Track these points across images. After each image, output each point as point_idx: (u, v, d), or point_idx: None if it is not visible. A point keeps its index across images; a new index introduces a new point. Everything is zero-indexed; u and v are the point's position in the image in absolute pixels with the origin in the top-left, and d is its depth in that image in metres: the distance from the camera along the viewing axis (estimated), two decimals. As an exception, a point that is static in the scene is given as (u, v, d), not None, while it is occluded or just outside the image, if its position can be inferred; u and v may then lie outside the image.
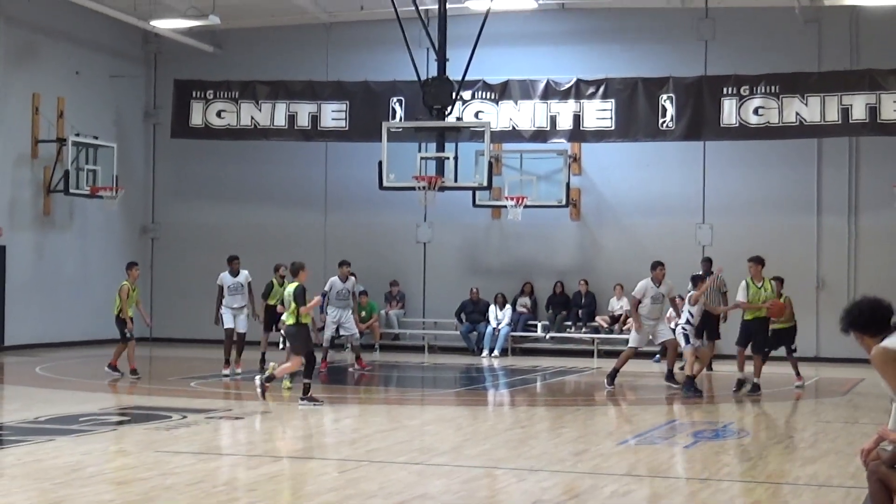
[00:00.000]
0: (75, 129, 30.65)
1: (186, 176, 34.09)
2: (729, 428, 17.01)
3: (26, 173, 30.20)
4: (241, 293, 23.73)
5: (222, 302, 23.68)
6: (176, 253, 34.04)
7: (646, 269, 29.82)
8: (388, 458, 13.94)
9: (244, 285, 23.75)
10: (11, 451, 14.14)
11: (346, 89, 29.90)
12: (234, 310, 23.64)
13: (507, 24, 30.03)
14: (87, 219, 32.05)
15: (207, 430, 16.19)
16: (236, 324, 23.66)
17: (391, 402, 21.39)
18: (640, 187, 30.66)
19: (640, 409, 19.64)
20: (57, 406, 18.44)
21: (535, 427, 17.37)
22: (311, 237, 32.65)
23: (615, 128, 28.36)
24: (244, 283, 23.75)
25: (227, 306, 23.62)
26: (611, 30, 30.94)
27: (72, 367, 25.87)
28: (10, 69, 29.53)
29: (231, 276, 23.70)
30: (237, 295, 23.68)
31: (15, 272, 29.58)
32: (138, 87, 34.16)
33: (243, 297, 23.77)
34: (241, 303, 23.71)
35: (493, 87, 28.93)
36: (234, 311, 23.65)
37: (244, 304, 23.79)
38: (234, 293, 23.67)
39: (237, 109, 30.17)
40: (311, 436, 15.89)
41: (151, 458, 13.50)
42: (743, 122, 27.34)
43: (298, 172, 32.86)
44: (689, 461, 13.89)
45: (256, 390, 18.98)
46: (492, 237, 31.70)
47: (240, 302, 23.70)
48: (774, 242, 29.61)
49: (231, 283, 23.66)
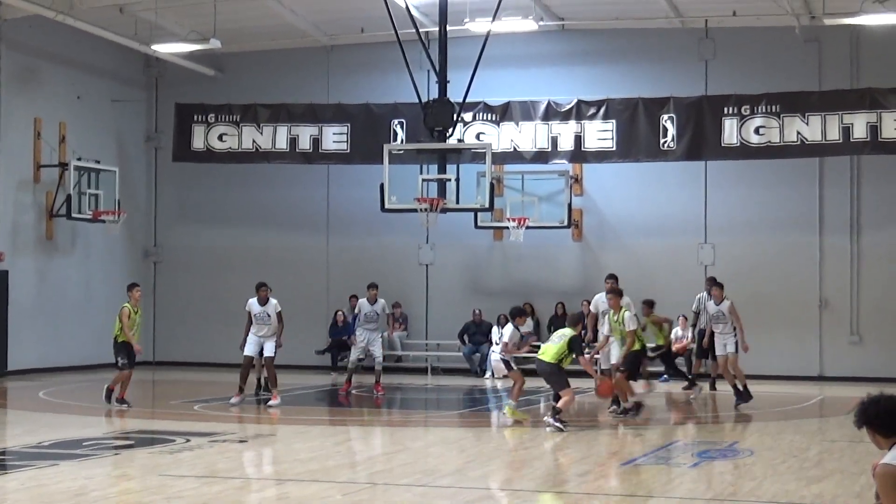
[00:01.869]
0: (77, 153, 30.69)
1: (188, 199, 34.11)
2: (734, 447, 16.98)
3: (28, 198, 30.23)
4: (268, 323, 22.60)
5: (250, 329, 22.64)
6: (178, 276, 34.05)
7: (648, 290, 29.97)
8: (392, 480, 13.92)
9: (272, 315, 22.60)
10: (15, 475, 14.12)
11: (347, 112, 29.93)
12: (261, 337, 22.60)
13: (508, 46, 30.06)
14: (89, 243, 32.07)
15: (211, 453, 16.16)
16: (265, 347, 22.55)
17: (394, 424, 21.36)
18: (642, 207, 30.67)
19: (644, 430, 19.60)
20: (60, 430, 18.42)
21: (538, 448, 17.35)
22: (314, 259, 32.66)
23: (616, 148, 28.37)
24: (272, 314, 22.60)
25: (254, 334, 22.61)
26: (611, 51, 30.99)
27: (75, 391, 25.85)
28: (12, 94, 29.58)
29: (259, 305, 22.58)
30: (264, 325, 22.58)
31: (18, 297, 29.58)
32: (140, 111, 34.21)
33: (271, 328, 22.64)
34: (269, 332, 22.60)
35: (494, 109, 28.95)
36: (260, 338, 22.59)
37: (272, 333, 22.65)
38: (262, 322, 22.59)
39: (238, 132, 30.20)
40: (314, 458, 15.87)
41: (155, 481, 13.48)
42: (744, 142, 27.34)
43: (300, 195, 32.88)
44: (693, 481, 13.86)
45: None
46: (494, 258, 31.70)
47: (267, 331, 22.61)
48: (777, 262, 29.65)
49: (258, 311, 22.56)
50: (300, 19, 31.02)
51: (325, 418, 22.41)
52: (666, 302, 29.15)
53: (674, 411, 23.86)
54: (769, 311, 29.33)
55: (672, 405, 24.69)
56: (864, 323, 29.30)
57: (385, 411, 22.94)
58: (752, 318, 28.38)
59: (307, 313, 31.43)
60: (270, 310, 22.62)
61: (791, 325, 29.45)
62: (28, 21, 29.12)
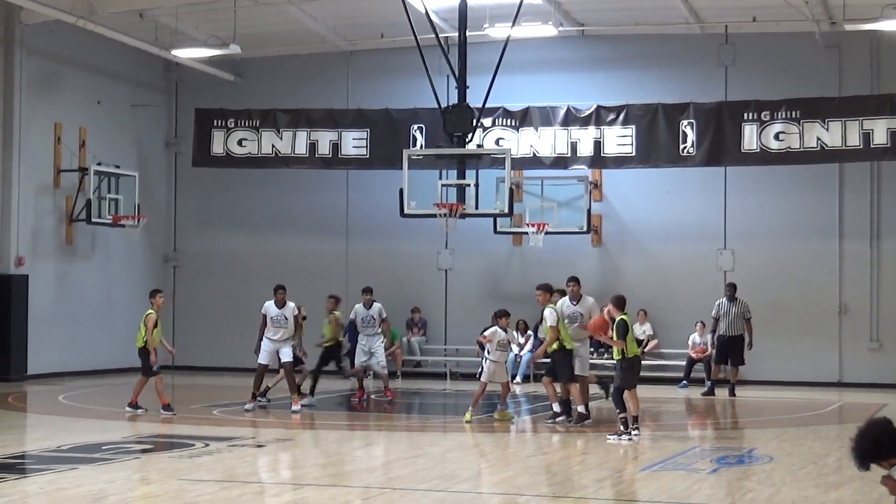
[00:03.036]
0: (97, 158, 30.77)
1: (208, 204, 34.19)
2: (753, 453, 16.95)
3: (48, 203, 30.32)
4: (285, 326, 22.30)
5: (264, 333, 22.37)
6: (198, 281, 34.12)
7: (669, 295, 30.01)
8: (411, 485, 13.92)
9: (289, 318, 22.34)
10: (35, 479, 14.16)
11: (366, 117, 29.96)
12: (276, 342, 22.27)
13: (528, 52, 30.06)
14: (109, 247, 32.16)
15: (230, 457, 16.18)
16: (281, 353, 22.26)
17: (413, 429, 21.35)
18: (662, 213, 30.63)
19: (662, 435, 19.57)
20: (80, 434, 18.46)
21: (557, 453, 17.33)
22: (333, 265, 32.69)
23: (636, 154, 28.33)
24: (289, 317, 22.35)
25: (269, 338, 22.35)
26: (631, 56, 30.96)
27: (94, 395, 25.91)
28: (33, 99, 29.68)
29: (276, 308, 22.32)
30: (280, 328, 22.36)
31: (37, 301, 29.66)
32: (160, 117, 34.30)
33: (287, 331, 22.35)
34: (284, 336, 22.29)
35: (514, 114, 28.95)
36: (277, 344, 22.27)
37: (288, 337, 22.37)
38: (279, 325, 22.29)
39: (258, 138, 30.24)
40: (333, 463, 15.87)
41: (174, 486, 13.50)
42: (764, 148, 27.28)
43: (320, 200, 32.93)
44: (712, 487, 13.83)
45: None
46: (513, 264, 31.68)
47: (283, 335, 22.28)
48: (796, 268, 29.58)
49: (276, 314, 22.27)
50: (320, 24, 31.06)
51: (342, 423, 22.42)
52: (685, 307, 29.15)
53: (692, 417, 23.82)
54: (789, 317, 29.29)
55: (691, 411, 24.64)
56: (884, 329, 29.21)
57: (403, 416, 22.93)
58: (771, 324, 28.45)
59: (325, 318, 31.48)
60: (288, 313, 22.41)
61: (810, 331, 29.38)
62: (48, 26, 29.23)
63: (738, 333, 26.42)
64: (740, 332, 26.44)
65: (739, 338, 26.43)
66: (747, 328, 26.47)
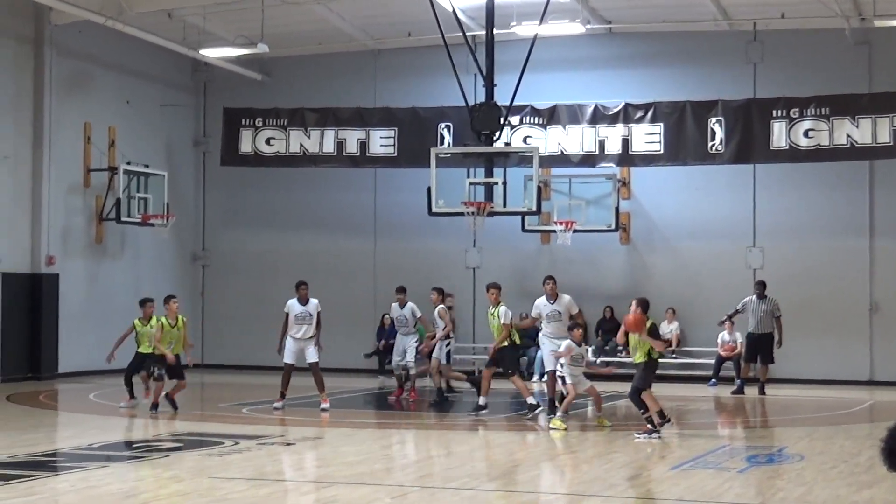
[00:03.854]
0: (126, 157, 30.89)
1: (236, 203, 34.27)
2: (783, 452, 16.89)
3: (78, 202, 30.45)
4: (309, 322, 22.23)
5: (287, 331, 22.33)
6: (226, 280, 34.21)
7: (696, 293, 29.88)
8: (440, 483, 13.93)
9: (313, 315, 22.27)
10: (66, 477, 14.22)
11: (394, 115, 29.97)
12: (299, 340, 22.22)
13: (555, 49, 30.03)
14: (138, 246, 32.27)
15: (260, 455, 16.22)
16: (307, 353, 22.21)
17: (442, 427, 21.35)
18: (690, 211, 30.55)
19: (692, 434, 19.53)
20: (110, 432, 18.55)
21: (586, 452, 17.31)
22: (361, 263, 32.73)
23: (664, 151, 28.25)
24: (313, 313, 22.27)
25: (292, 336, 22.28)
26: (659, 53, 30.89)
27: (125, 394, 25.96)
28: (62, 99, 29.80)
29: (299, 304, 22.29)
30: (304, 324, 22.23)
31: (68, 300, 29.79)
32: (188, 116, 34.40)
33: (311, 328, 22.25)
34: (307, 333, 22.22)
35: (541, 112, 28.91)
36: (300, 343, 22.23)
37: (311, 335, 22.24)
38: (302, 322, 22.21)
39: (286, 137, 30.29)
40: (362, 462, 15.90)
41: (205, 484, 13.54)
42: (793, 145, 27.18)
43: (347, 199, 32.96)
44: (743, 486, 13.79)
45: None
46: (541, 262, 31.61)
47: (306, 332, 22.24)
48: (826, 265, 29.47)
49: (299, 311, 22.21)
50: (347, 23, 31.10)
51: (372, 421, 22.43)
52: (713, 306, 29.05)
53: (721, 415, 23.76)
54: (819, 315, 29.17)
55: (721, 409, 24.58)
56: (915, 327, 29.10)
57: (432, 415, 22.93)
58: (801, 322, 28.34)
59: (354, 317, 31.55)
60: (311, 309, 22.32)
61: (841, 329, 29.26)
62: (78, 26, 29.34)
63: (767, 331, 26.33)
64: (770, 330, 26.35)
65: (769, 336, 26.34)
66: (777, 326, 26.38)
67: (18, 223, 28.83)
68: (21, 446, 17.03)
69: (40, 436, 18.80)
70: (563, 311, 21.32)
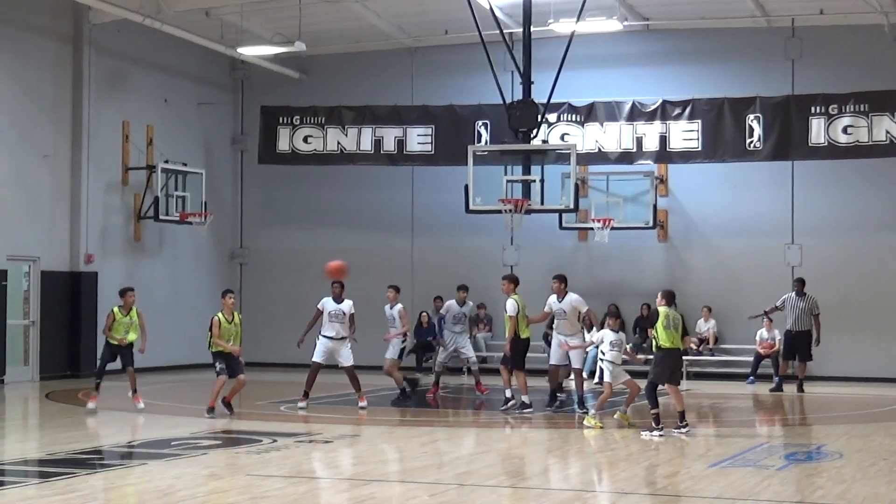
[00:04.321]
0: (164, 155, 31.01)
1: (274, 201, 34.34)
2: (822, 450, 16.81)
3: (117, 200, 30.59)
4: (342, 321, 21.98)
5: (319, 328, 22.15)
6: (264, 278, 34.29)
7: (734, 291, 29.77)
8: (478, 481, 13.93)
9: (346, 314, 22.02)
10: (105, 474, 14.29)
11: (431, 113, 30.00)
12: (332, 340, 22.01)
13: (592, 46, 29.95)
14: (176, 245, 32.40)
15: (297, 453, 16.26)
16: (339, 356, 21.99)
17: (479, 425, 21.35)
18: (728, 208, 30.43)
19: (730, 432, 19.46)
20: (149, 430, 18.64)
21: (625, 449, 17.27)
22: (399, 261, 32.75)
23: (702, 149, 28.19)
24: (346, 312, 22.02)
25: (324, 335, 22.12)
26: (696, 50, 30.78)
27: (163, 392, 26.10)
28: (101, 98, 29.95)
29: (333, 302, 22.07)
30: (336, 324, 21.96)
31: (107, 298, 29.80)
32: (226, 114, 34.50)
33: (343, 327, 22.00)
34: (340, 333, 21.96)
35: (579, 110, 28.88)
36: (332, 343, 22.01)
37: (344, 335, 22.00)
38: (335, 320, 21.95)
39: (323, 135, 30.37)
40: (399, 459, 15.90)
41: (243, 481, 13.59)
42: (832, 142, 27.06)
43: (385, 197, 33.00)
44: (781, 484, 13.73)
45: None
46: (579, 260, 31.59)
47: (339, 332, 21.95)
48: (865, 262, 29.30)
49: (333, 309, 21.97)
50: (384, 21, 31.13)
51: (409, 419, 22.46)
52: (752, 303, 28.91)
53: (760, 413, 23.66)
54: (858, 312, 29.02)
55: (759, 407, 24.48)
56: (956, 325, 28.91)
57: (470, 412, 22.94)
58: (840, 320, 28.21)
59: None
60: (345, 308, 22.07)
61: (880, 326, 29.07)
62: (116, 26, 29.49)
63: (805, 329, 26.21)
64: (808, 328, 26.23)
65: (807, 333, 26.22)
66: (815, 324, 26.25)
67: (58, 222, 28.98)
68: (61, 444, 17.14)
69: (80, 434, 18.91)
70: (568, 310, 21.34)
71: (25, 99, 28.13)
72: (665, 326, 18.25)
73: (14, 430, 19.49)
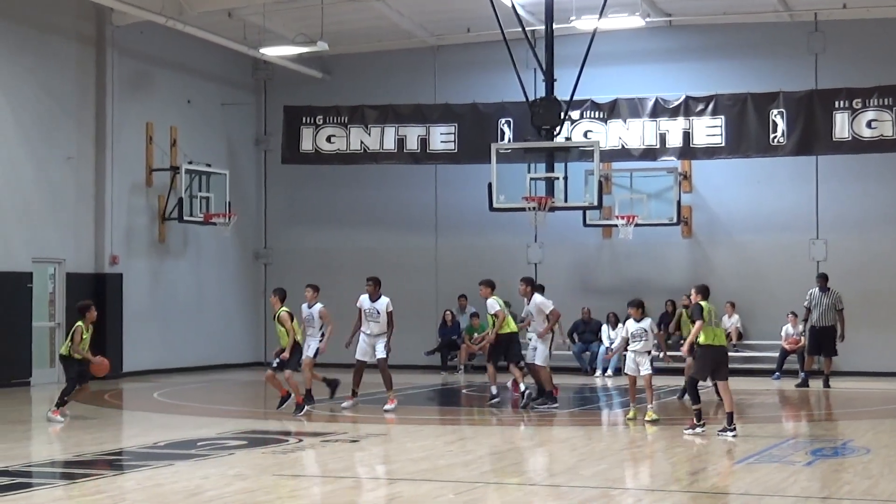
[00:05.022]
0: (188, 156, 31.09)
1: (298, 201, 34.39)
2: (849, 445, 16.76)
3: (141, 201, 30.67)
4: (377, 320, 21.94)
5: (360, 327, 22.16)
6: (288, 278, 34.15)
7: (759, 286, 29.69)
8: (504, 479, 13.93)
9: (381, 312, 21.96)
10: (132, 475, 14.34)
11: (454, 111, 30.03)
12: (370, 337, 22.03)
13: (615, 43, 29.91)
14: (200, 245, 32.47)
15: (323, 453, 16.28)
16: (375, 350, 21.99)
17: (504, 423, 21.34)
18: (752, 203, 30.35)
19: (756, 427, 19.40)
20: (175, 431, 18.67)
21: (650, 446, 17.25)
22: (422, 260, 32.77)
23: (725, 144, 28.14)
24: (381, 311, 21.95)
25: (363, 332, 22.12)
26: (719, 46, 30.70)
27: (189, 392, 26.18)
28: (125, 99, 30.03)
29: (368, 301, 22.07)
30: (371, 322, 22.00)
31: (132, 299, 30.01)
32: (249, 115, 34.56)
33: (380, 325, 21.98)
34: (375, 330, 21.98)
35: (602, 107, 28.87)
36: (371, 339, 22.02)
37: (381, 331, 21.96)
38: (371, 319, 21.99)
39: (346, 134, 30.42)
40: (426, 458, 15.92)
41: (270, 481, 13.62)
42: (856, 136, 26.99)
43: (408, 195, 33.01)
44: (808, 479, 13.69)
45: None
46: (603, 256, 31.57)
47: (373, 329, 21.99)
48: (891, 257, 29.20)
49: (368, 307, 22.01)
50: (406, 20, 31.14)
51: (435, 418, 22.46)
52: (777, 299, 28.87)
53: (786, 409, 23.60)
54: (883, 306, 28.93)
55: (785, 402, 24.42)
56: (982, 318, 28.78)
57: (495, 410, 22.93)
58: (866, 314, 28.16)
59: (416, 314, 31.50)
60: (379, 307, 22.00)
61: (906, 320, 28.98)
62: (139, 27, 29.57)
63: (830, 324, 26.15)
64: (832, 323, 26.16)
65: (832, 328, 26.15)
66: (839, 319, 26.18)
67: (82, 223, 29.07)
68: (87, 445, 17.19)
69: (106, 435, 18.95)
70: (534, 311, 21.86)
71: (49, 101, 28.22)
72: (708, 322, 18.07)
73: (41, 431, 19.56)
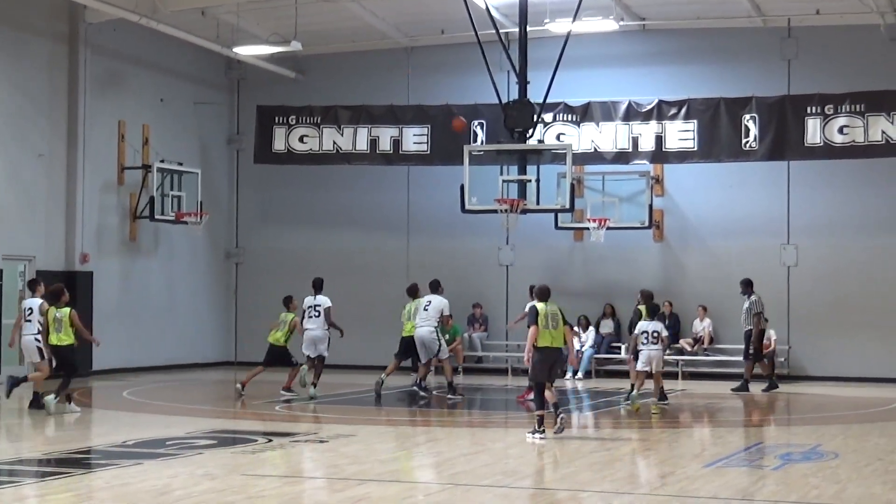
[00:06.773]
0: (160, 155, 30.98)
1: (270, 201, 34.32)
2: (818, 450, 16.81)
3: (112, 200, 30.56)
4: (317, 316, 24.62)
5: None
6: (259, 278, 34.23)
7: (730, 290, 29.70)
8: (473, 481, 13.92)
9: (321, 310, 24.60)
10: (100, 474, 14.28)
11: (427, 113, 30.00)
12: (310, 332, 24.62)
13: (588, 46, 29.94)
14: (172, 244, 32.37)
15: (292, 453, 16.25)
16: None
17: (475, 425, 21.34)
18: (724, 208, 30.43)
19: (725, 432, 19.46)
20: (144, 430, 18.61)
21: (620, 450, 17.27)
22: (394, 261, 32.72)
23: (698, 148, 28.22)
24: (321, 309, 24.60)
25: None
26: (692, 50, 30.78)
27: (158, 391, 26.10)
28: (96, 97, 29.92)
29: (311, 298, 24.72)
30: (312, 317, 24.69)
31: (102, 297, 29.90)
32: (222, 114, 34.48)
33: (319, 321, 24.50)
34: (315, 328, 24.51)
35: (575, 110, 28.89)
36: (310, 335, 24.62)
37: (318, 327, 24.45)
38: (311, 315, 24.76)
39: (319, 134, 30.37)
40: (395, 459, 15.89)
41: (238, 481, 13.58)
42: (828, 142, 27.08)
43: (380, 197, 32.97)
44: (777, 484, 13.73)
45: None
46: (574, 259, 31.60)
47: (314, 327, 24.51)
48: (862, 263, 29.30)
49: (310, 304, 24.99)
50: (380, 21, 31.12)
51: (405, 419, 22.45)
52: (748, 303, 28.92)
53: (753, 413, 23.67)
54: (853, 312, 29.02)
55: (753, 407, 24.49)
56: (951, 325, 28.89)
57: (465, 412, 22.93)
58: (835, 320, 28.29)
59: (387, 315, 31.42)
60: (320, 302, 24.35)
61: (876, 327, 29.05)
62: (112, 25, 29.48)
63: (747, 328, 26.30)
64: (749, 327, 26.29)
65: (748, 332, 26.29)
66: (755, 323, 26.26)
67: (53, 221, 28.95)
68: (56, 443, 17.12)
69: (75, 433, 18.89)
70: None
71: (20, 98, 28.11)
72: (545, 325, 18.04)
73: (9, 429, 19.47)
